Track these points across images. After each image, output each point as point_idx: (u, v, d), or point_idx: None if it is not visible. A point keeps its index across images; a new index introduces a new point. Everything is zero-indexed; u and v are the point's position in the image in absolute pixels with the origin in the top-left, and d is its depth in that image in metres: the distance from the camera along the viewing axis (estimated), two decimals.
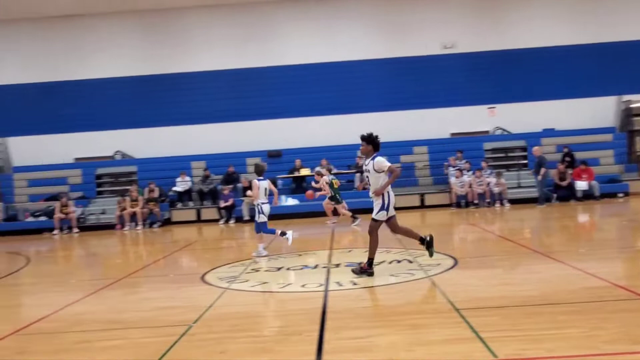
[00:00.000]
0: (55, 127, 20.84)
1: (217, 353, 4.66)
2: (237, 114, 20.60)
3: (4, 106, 20.91)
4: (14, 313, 7.39)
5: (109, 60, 20.86)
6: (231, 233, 15.81)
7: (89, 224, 18.33)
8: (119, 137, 20.73)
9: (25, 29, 20.92)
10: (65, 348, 5.19)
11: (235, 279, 7.92)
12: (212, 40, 20.89)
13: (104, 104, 20.78)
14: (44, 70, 20.92)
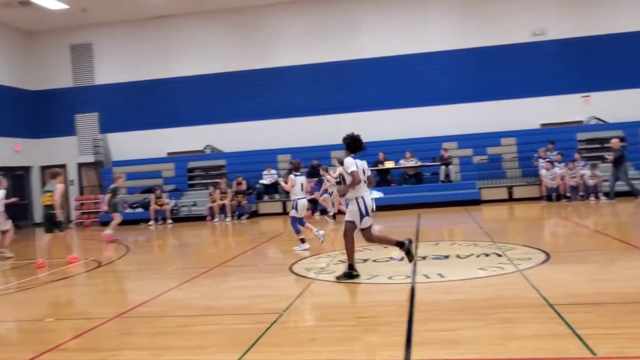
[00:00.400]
0: (150, 124, 21.93)
1: (308, 340, 4.80)
2: (321, 108, 20.82)
3: (104, 104, 22.26)
4: (117, 297, 7.91)
5: (199, 58, 21.66)
6: (316, 225, 16.01)
7: (181, 216, 19.20)
8: (209, 132, 21.52)
9: (122, 31, 22.12)
10: (165, 331, 5.52)
11: (322, 270, 8.07)
12: (296, 36, 21.20)
13: (195, 100, 21.62)
14: (139, 69, 22.05)
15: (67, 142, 22.49)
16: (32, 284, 9.01)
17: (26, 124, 21.99)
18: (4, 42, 21.22)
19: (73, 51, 22.50)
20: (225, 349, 4.73)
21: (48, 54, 22.62)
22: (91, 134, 22.41)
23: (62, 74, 22.51)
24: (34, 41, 22.63)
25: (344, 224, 7.34)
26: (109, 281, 9.26)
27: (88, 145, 22.39)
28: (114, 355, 4.81)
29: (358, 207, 7.12)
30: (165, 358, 4.63)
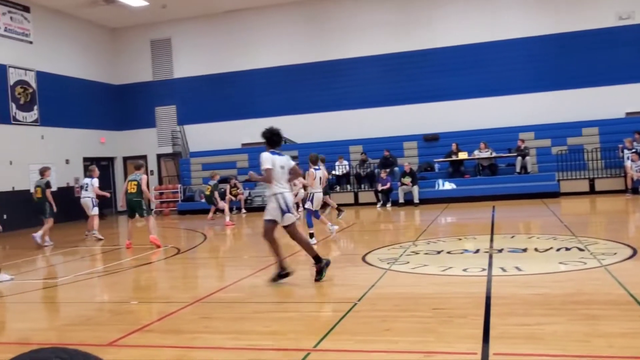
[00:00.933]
0: (225, 115, 22.48)
1: (383, 330, 4.81)
2: (393, 98, 20.64)
3: (182, 97, 23.02)
4: (196, 283, 8.20)
5: (272, 50, 21.97)
6: (388, 216, 15.99)
7: (255, 205, 19.61)
8: (281, 123, 21.60)
9: (199, 26, 22.75)
10: (243, 316, 5.68)
11: (396, 261, 8.05)
12: (368, 26, 21.07)
13: (268, 92, 21.96)
14: (215, 62, 22.62)
15: (147, 134, 23.44)
16: (117, 268, 9.49)
17: (110, 117, 23.07)
18: (91, 39, 22.31)
19: (153, 46, 23.36)
20: (302, 336, 4.81)
21: (130, 50, 23.61)
22: (170, 126, 23.23)
23: (143, 68, 23.44)
24: (117, 38, 23.67)
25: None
26: (188, 267, 9.61)
27: (167, 137, 23.23)
28: (195, 338, 5.01)
29: (278, 204, 6.81)
30: (243, 342, 4.77)
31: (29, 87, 19.09)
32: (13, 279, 8.66)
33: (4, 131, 17.86)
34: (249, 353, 4.48)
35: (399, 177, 18.21)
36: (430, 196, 17.82)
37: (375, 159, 19.67)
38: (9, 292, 7.95)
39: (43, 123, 19.51)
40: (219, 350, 4.67)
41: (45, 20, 19.85)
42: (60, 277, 9.27)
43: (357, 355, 4.28)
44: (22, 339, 5.59)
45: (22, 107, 18.79)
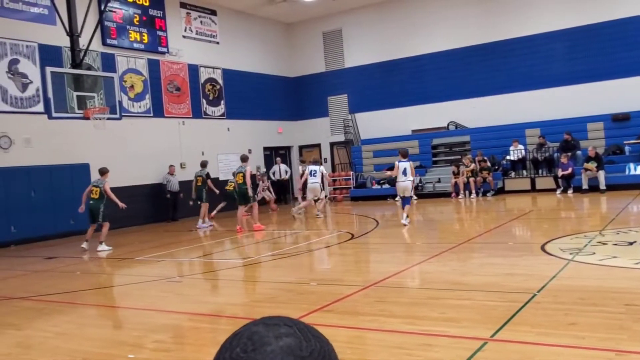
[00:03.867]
0: (394, 102, 22.57)
1: (567, 324, 4.57)
2: (574, 76, 19.08)
3: (353, 86, 23.56)
4: (371, 267, 8.43)
5: (442, 33, 21.52)
6: (569, 203, 14.95)
7: (426, 192, 19.50)
8: (452, 108, 21.35)
9: (368, 15, 23.04)
10: (417, 302, 5.74)
11: (580, 251, 7.53)
12: (546, 0, 19.70)
13: (438, 76, 21.59)
14: (385, 50, 22.77)
15: (320, 123, 24.39)
16: (296, 251, 10.09)
17: (287, 108, 24.40)
18: (269, 35, 23.74)
19: (325, 38, 24.18)
20: (478, 324, 4.75)
21: (304, 43, 24.69)
22: (341, 115, 23.92)
23: (316, 59, 24.38)
24: (292, 32, 24.89)
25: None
26: (362, 252, 9.90)
27: (339, 125, 23.96)
28: (372, 320, 5.18)
29: None
30: (418, 327, 4.84)
31: (216, 84, 20.91)
32: (111, 249, 11.53)
33: (197, 125, 19.79)
34: (424, 338, 4.53)
35: (582, 162, 16.88)
36: (619, 182, 16.26)
37: (554, 142, 18.41)
38: (205, 269, 8.87)
39: (228, 116, 21.27)
40: (394, 333, 4.78)
41: (229, 21, 21.53)
42: (246, 257, 10.10)
43: (538, 348, 4.11)
44: (215, 312, 6.24)
45: (211, 103, 20.65)
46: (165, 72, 18.81)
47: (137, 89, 17.81)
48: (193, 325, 5.81)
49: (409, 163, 12.16)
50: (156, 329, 5.71)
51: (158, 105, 18.47)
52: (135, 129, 17.42)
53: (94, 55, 16.10)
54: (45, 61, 14.67)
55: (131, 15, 17.75)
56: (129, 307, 7.01)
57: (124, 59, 17.47)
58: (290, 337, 0.80)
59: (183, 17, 19.67)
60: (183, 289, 7.60)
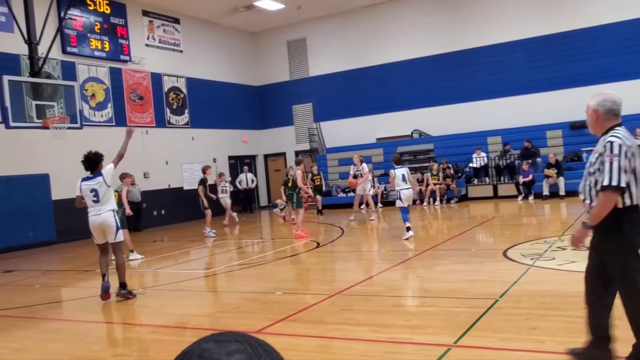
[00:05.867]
0: (359, 110, 22.73)
1: (528, 329, 4.65)
2: (534, 85, 19.56)
3: (317, 95, 23.65)
4: (336, 276, 8.44)
5: (404, 42, 21.80)
6: (530, 209, 15.26)
7: (391, 199, 19.61)
8: (416, 116, 21.62)
9: (332, 24, 23.17)
10: (382, 310, 5.77)
11: (540, 257, 7.69)
12: (506, 11, 20.14)
13: (402, 85, 21.85)
14: (349, 59, 22.93)
15: (285, 132, 24.39)
16: (263, 260, 10.03)
17: (251, 116, 24.32)
18: (233, 44, 23.66)
19: (289, 47, 24.23)
20: (442, 331, 4.80)
21: (268, 52, 24.68)
22: (306, 123, 23.97)
23: (281, 68, 24.40)
24: (256, 41, 24.86)
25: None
26: (327, 260, 9.90)
27: (304, 134, 24.00)
28: (337, 328, 5.18)
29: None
30: (383, 335, 4.86)
31: (180, 93, 20.71)
32: (144, 258, 10.99)
33: (160, 134, 19.55)
34: (389, 346, 4.56)
35: (542, 169, 17.28)
36: (577, 188, 16.67)
37: (515, 149, 18.81)
38: (168, 280, 8.74)
39: (193, 125, 21.07)
40: (360, 342, 4.80)
41: (192, 30, 21.39)
42: (211, 267, 10.00)
43: (500, 353, 4.18)
44: (179, 323, 6.14)
45: (175, 111, 20.44)
46: (127, 81, 18.55)
47: (98, 97, 17.51)
48: (156, 337, 5.71)
49: (405, 169, 11.18)
50: (118, 343, 5.60)
51: (120, 114, 18.18)
52: (96, 139, 17.10)
53: (53, 63, 15.78)
54: (3, 69, 14.26)
55: (92, 22, 17.46)
56: (89, 320, 6.85)
57: (84, 67, 17.16)
58: (241, 354, 0.79)
59: (146, 25, 19.46)
60: (146, 300, 7.48)
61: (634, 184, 3.45)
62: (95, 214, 7.31)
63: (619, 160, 3.37)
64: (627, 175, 3.39)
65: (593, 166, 3.59)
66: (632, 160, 3.43)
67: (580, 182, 3.94)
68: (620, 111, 3.69)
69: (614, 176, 3.36)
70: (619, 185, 3.35)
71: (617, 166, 3.37)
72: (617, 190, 3.37)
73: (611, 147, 3.43)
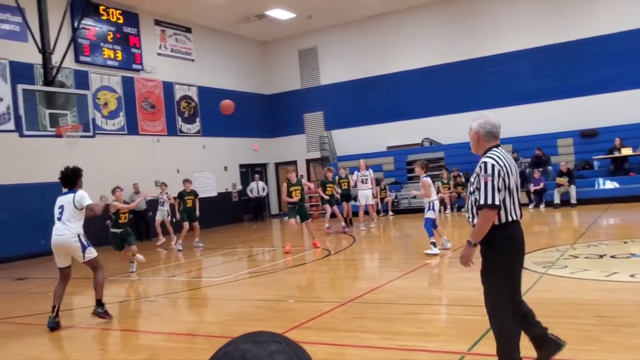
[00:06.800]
0: (370, 119, 22.75)
1: None
2: (544, 93, 19.50)
3: (328, 103, 23.71)
4: (348, 284, 8.43)
5: (414, 52, 21.84)
6: (541, 218, 15.17)
7: (402, 208, 19.61)
8: (426, 125, 21.60)
9: (343, 33, 23.26)
10: (394, 317, 5.76)
11: (552, 265, 7.65)
12: (515, 20, 20.09)
13: (412, 94, 21.86)
14: (360, 68, 22.98)
15: (296, 140, 24.44)
16: (274, 268, 10.05)
17: (262, 125, 24.41)
18: (244, 53, 23.80)
19: (301, 56, 24.34)
20: (454, 339, 4.78)
21: (280, 61, 24.81)
22: (317, 132, 24.02)
23: (292, 77, 24.51)
24: (267, 50, 25.00)
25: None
26: (339, 268, 9.90)
27: (315, 142, 24.05)
28: (349, 336, 5.18)
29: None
30: (395, 343, 4.85)
31: (192, 102, 20.85)
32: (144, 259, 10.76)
33: (172, 142, 19.67)
34: (402, 353, 4.55)
35: (553, 177, 17.20)
36: (589, 196, 16.61)
37: (526, 158, 18.74)
38: (180, 288, 8.78)
39: (204, 134, 21.19)
40: (373, 349, 4.79)
41: (204, 39, 21.55)
42: (223, 276, 10.02)
43: None
44: (191, 331, 6.17)
45: (187, 120, 20.57)
46: (139, 90, 18.71)
47: (111, 106, 17.67)
48: (168, 345, 5.74)
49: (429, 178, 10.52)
50: (130, 350, 5.63)
51: (132, 122, 18.33)
52: (108, 147, 17.24)
53: (66, 72, 15.95)
54: (17, 78, 14.47)
55: (105, 32, 17.65)
56: (101, 327, 6.89)
57: (97, 76, 17.33)
58: (281, 355, 0.78)
59: (158, 35, 19.63)
60: (158, 308, 7.51)
61: (509, 201, 3.63)
62: (57, 234, 6.82)
63: (493, 179, 3.55)
64: (502, 193, 3.57)
65: (472, 186, 3.75)
66: (507, 179, 3.61)
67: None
68: (499, 134, 3.90)
69: (489, 195, 3.53)
70: (493, 204, 3.52)
71: (491, 185, 3.54)
72: (493, 208, 3.53)
73: (485, 168, 3.61)
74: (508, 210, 3.62)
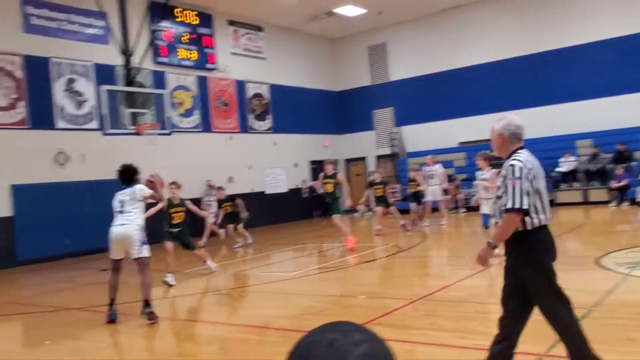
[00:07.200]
0: (441, 114, 22.36)
1: (624, 340, 4.43)
2: (625, 85, 18.48)
3: (399, 99, 23.51)
4: (418, 281, 8.35)
5: (486, 45, 21.26)
6: (624, 216, 14.46)
7: (474, 205, 19.14)
8: None
9: (413, 28, 22.99)
10: (466, 316, 5.66)
11: (637, 265, 7.27)
12: (596, 7, 19.21)
13: (484, 88, 21.29)
14: (430, 63, 22.63)
15: (366, 137, 24.39)
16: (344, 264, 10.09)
17: (332, 122, 24.52)
18: (314, 50, 23.98)
19: (370, 52, 24.25)
20: (530, 339, 4.62)
21: (349, 57, 24.82)
22: (387, 128, 23.88)
23: (361, 73, 24.47)
24: (337, 47, 25.07)
25: None
26: (409, 265, 9.81)
27: (384, 139, 23.92)
28: (421, 334, 5.14)
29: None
30: (469, 341, 4.77)
31: (263, 99, 21.23)
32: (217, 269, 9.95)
33: (243, 139, 20.11)
34: (475, 353, 4.46)
35: (637, 173, 16.32)
36: None
37: (607, 153, 17.87)
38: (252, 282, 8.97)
39: (275, 130, 21.53)
40: (445, 347, 4.73)
41: (275, 37, 21.87)
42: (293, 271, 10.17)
43: None
44: (263, 324, 6.29)
45: (258, 117, 20.97)
46: (213, 88, 19.23)
47: (186, 105, 18.26)
48: (241, 337, 5.88)
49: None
50: (207, 341, 5.81)
51: (206, 120, 18.88)
52: (184, 144, 17.83)
53: (145, 73, 16.59)
54: (100, 80, 15.23)
55: (181, 33, 18.25)
56: (179, 318, 7.15)
57: (173, 76, 17.95)
58: (367, 344, 0.81)
59: (231, 34, 20.10)
60: (231, 301, 7.71)
61: (540, 205, 3.55)
62: (119, 224, 6.95)
63: (520, 182, 3.47)
64: (532, 197, 3.48)
65: (500, 189, 3.67)
66: (535, 181, 3.53)
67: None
68: (522, 135, 3.80)
69: (516, 199, 3.46)
70: (521, 208, 3.45)
71: (519, 189, 3.47)
72: (519, 212, 3.46)
73: (512, 171, 3.53)
74: (539, 214, 3.55)
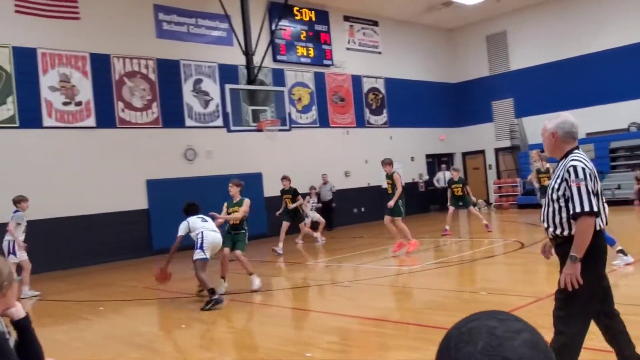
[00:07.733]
0: (565, 104, 21.01)
1: None
2: None
3: (519, 89, 22.53)
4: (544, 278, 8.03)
5: (613, 29, 19.74)
6: None
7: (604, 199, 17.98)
8: (632, 108, 19.51)
9: (534, 15, 21.86)
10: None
11: None
12: None
13: (612, 75, 19.80)
14: (553, 50, 21.45)
15: (484, 129, 23.66)
16: (462, 259, 9.93)
17: (449, 114, 24.04)
18: (430, 42, 23.61)
19: (488, 41, 23.45)
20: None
21: (466, 48, 24.17)
22: (507, 119, 23.01)
23: (479, 64, 23.74)
24: (453, 37, 24.50)
25: None
26: (532, 262, 9.45)
27: (504, 131, 23.07)
28: (546, 333, 4.95)
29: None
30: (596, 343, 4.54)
31: (379, 93, 21.29)
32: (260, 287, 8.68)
33: (360, 134, 20.31)
34: (603, 355, 4.27)
35: None
36: None
37: None
38: (371, 275, 9.10)
39: (391, 124, 21.52)
40: None
41: (390, 31, 21.82)
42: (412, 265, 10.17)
43: None
44: (383, 316, 6.38)
45: (374, 112, 21.07)
46: (330, 84, 19.59)
47: (304, 101, 18.76)
48: (361, 328, 6.02)
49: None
50: (328, 331, 6.01)
51: (323, 116, 19.28)
52: (302, 139, 18.35)
53: (265, 71, 17.26)
54: (224, 79, 16.08)
55: (298, 31, 18.77)
56: (302, 308, 7.44)
57: (292, 73, 18.52)
58: (526, 333, 0.81)
59: (346, 30, 20.34)
60: (351, 293, 7.88)
61: (601, 207, 3.36)
62: (215, 230, 8.22)
63: (586, 184, 3.28)
64: (595, 199, 3.28)
65: (557, 192, 3.42)
66: (595, 183, 3.35)
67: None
68: (577, 134, 3.61)
69: (585, 201, 3.26)
70: (592, 210, 3.25)
71: (585, 190, 3.28)
72: (592, 215, 3.26)
73: (575, 172, 3.33)
74: (602, 217, 3.37)
